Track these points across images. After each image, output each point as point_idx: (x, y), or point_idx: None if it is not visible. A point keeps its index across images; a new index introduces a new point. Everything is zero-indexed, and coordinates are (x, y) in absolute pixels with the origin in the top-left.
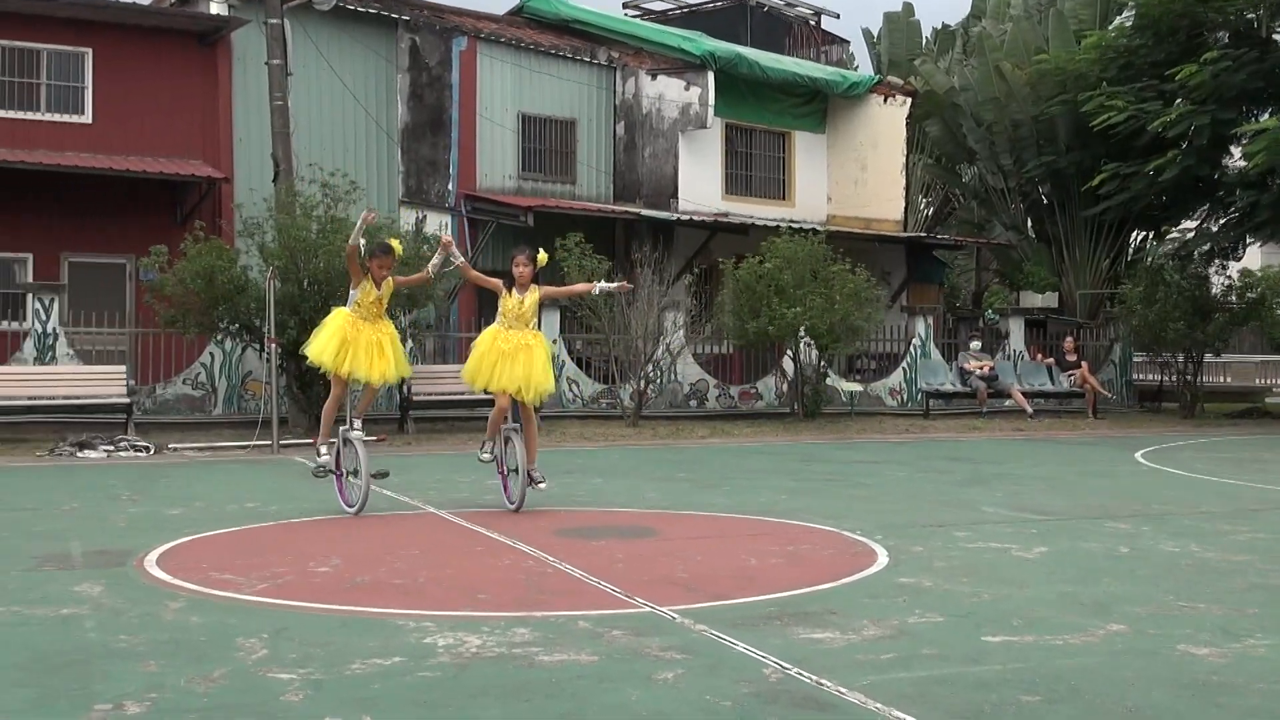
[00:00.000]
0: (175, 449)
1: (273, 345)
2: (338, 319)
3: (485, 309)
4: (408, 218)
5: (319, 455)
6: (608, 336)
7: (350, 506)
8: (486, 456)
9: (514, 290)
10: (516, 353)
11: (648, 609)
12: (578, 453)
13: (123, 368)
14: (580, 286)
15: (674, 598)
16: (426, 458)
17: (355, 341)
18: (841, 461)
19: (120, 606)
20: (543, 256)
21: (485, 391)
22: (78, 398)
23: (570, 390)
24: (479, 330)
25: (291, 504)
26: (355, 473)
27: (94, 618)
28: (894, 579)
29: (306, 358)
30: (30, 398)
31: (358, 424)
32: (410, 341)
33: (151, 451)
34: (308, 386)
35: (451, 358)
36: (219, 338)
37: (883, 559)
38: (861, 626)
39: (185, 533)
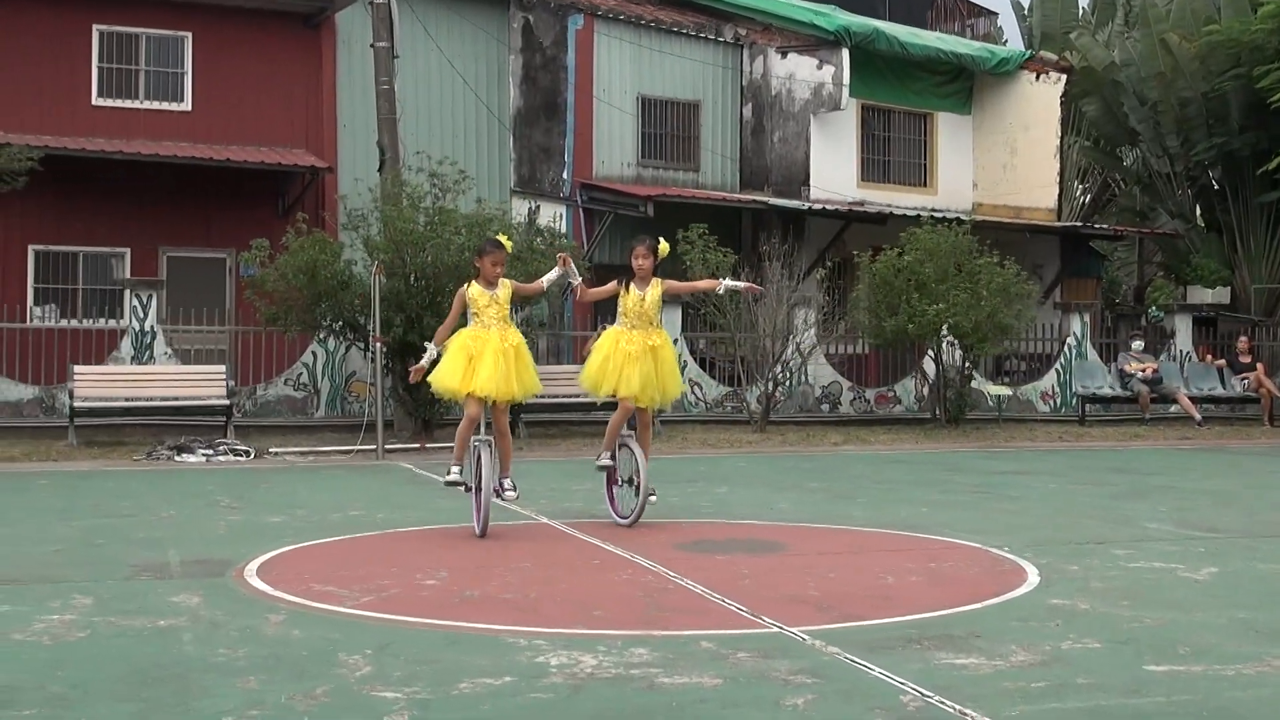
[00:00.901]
0: (276, 453)
1: (378, 344)
2: (460, 337)
3: (602, 307)
4: (520, 208)
5: (448, 473)
6: (733, 335)
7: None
8: (606, 461)
9: (633, 286)
10: (642, 355)
11: (776, 629)
12: (700, 460)
13: (222, 368)
14: (705, 283)
15: (804, 617)
16: (539, 464)
17: (481, 354)
18: (988, 471)
19: (219, 618)
20: (664, 247)
21: (610, 397)
22: (176, 399)
23: (693, 393)
24: (594, 328)
25: (397, 513)
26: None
27: (192, 630)
28: (1046, 600)
29: (412, 359)
30: (127, 399)
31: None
32: None
33: (251, 456)
34: (415, 388)
35: (566, 357)
36: (322, 336)
37: (1033, 578)
38: (1010, 652)
39: (286, 542)
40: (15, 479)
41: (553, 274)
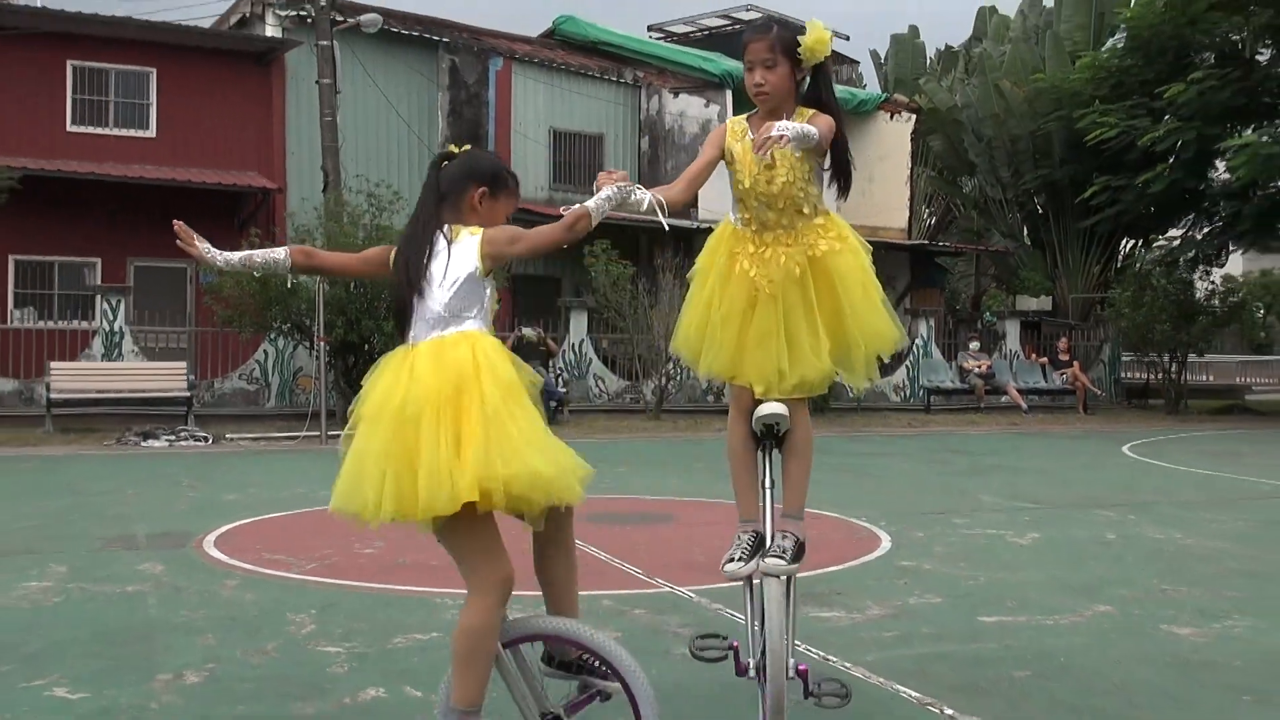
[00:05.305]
0: (231, 439)
1: (322, 343)
2: None
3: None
4: None
5: None
6: (632, 336)
7: None
8: (740, 565)
9: (747, 133)
10: (783, 288)
11: (667, 589)
12: (604, 444)
13: (183, 364)
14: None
15: (692, 579)
16: None
17: None
18: (850, 453)
19: (180, 584)
20: (819, 37)
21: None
22: (142, 391)
23: (597, 386)
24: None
25: None
26: None
27: (156, 594)
28: (896, 562)
29: (351, 357)
30: (98, 391)
31: None
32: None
33: (210, 441)
34: (355, 381)
35: None
36: (272, 336)
37: (886, 544)
38: (866, 606)
39: (240, 516)
40: None
41: (605, 193)
